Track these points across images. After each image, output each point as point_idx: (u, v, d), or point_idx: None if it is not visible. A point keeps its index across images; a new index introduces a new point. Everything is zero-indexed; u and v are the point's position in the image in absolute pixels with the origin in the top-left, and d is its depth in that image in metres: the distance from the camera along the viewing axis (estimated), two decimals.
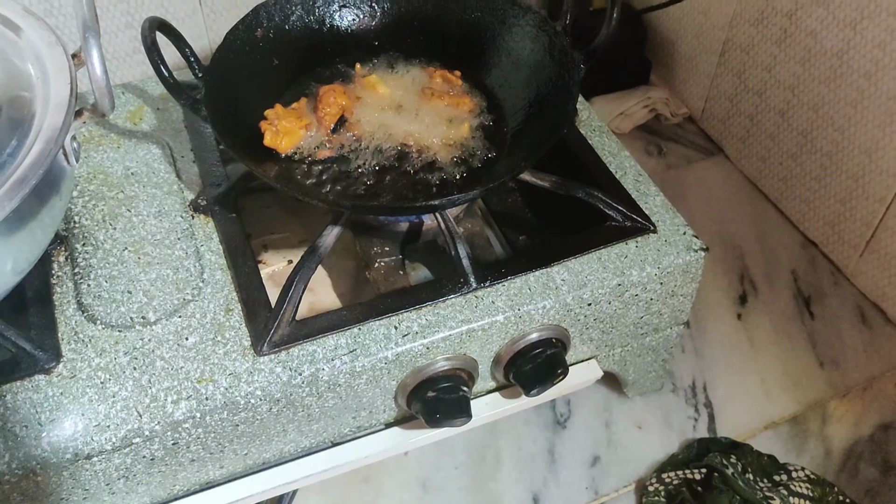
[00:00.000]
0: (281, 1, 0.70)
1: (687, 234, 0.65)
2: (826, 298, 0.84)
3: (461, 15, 0.72)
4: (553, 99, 0.65)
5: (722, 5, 0.92)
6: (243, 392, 0.55)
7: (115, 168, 0.68)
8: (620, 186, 0.67)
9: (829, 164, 0.85)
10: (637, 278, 0.62)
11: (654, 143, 1.02)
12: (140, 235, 0.63)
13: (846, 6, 0.77)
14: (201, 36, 0.93)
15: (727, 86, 0.96)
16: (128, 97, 0.74)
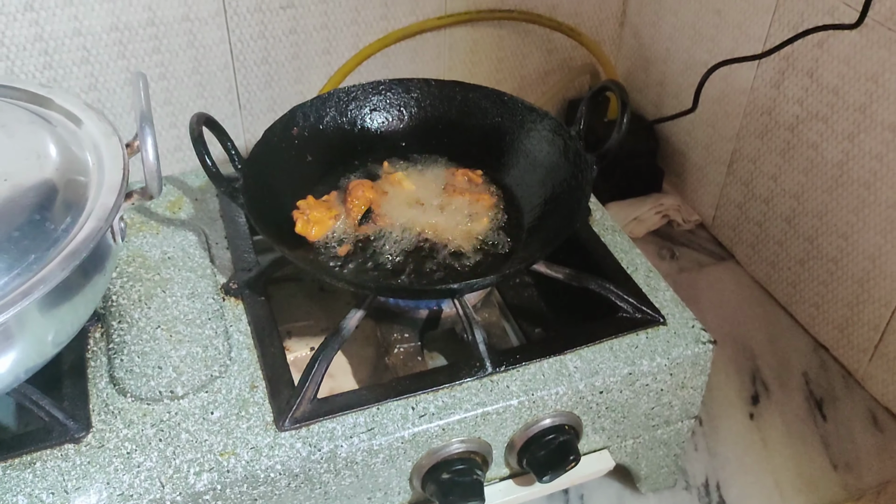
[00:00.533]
0: (316, 103, 0.76)
1: (696, 327, 0.67)
2: (838, 402, 0.85)
3: (483, 120, 0.78)
4: (567, 197, 0.69)
5: (729, 119, 0.98)
6: (264, 466, 0.56)
7: (153, 252, 0.72)
8: (631, 280, 0.70)
9: (835, 270, 0.87)
10: (647, 368, 0.64)
11: (666, 247, 1.05)
12: (173, 315, 0.66)
13: (843, 120, 0.81)
14: (238, 136, 1.00)
15: (736, 194, 1.00)
16: (168, 188, 0.79)
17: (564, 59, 1.13)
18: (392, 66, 1.03)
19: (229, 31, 0.92)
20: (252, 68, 0.96)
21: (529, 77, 1.12)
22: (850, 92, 0.80)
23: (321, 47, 0.97)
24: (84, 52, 0.86)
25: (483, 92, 0.78)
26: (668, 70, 1.06)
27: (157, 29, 0.88)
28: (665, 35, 1.05)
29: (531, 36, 1.08)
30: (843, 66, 0.80)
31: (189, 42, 0.90)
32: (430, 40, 1.03)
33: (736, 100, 0.96)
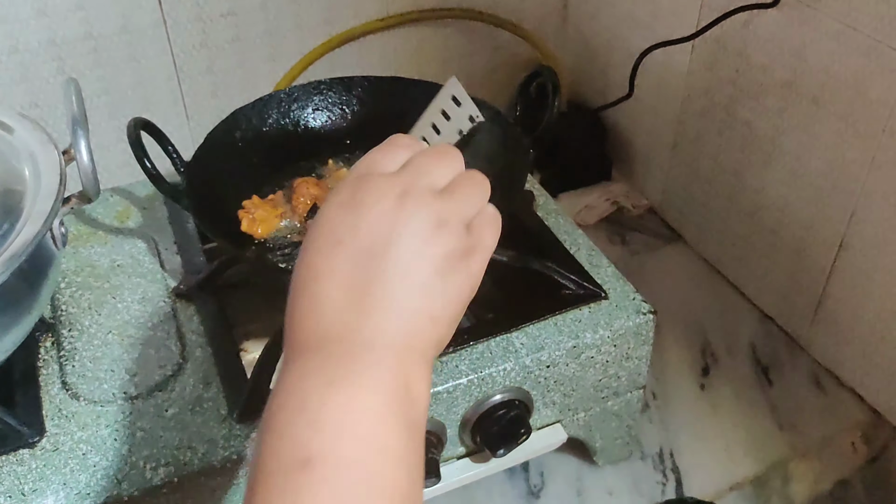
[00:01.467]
0: (258, 105, 0.77)
1: (636, 299, 0.70)
2: (783, 367, 0.88)
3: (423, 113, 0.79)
4: (506, 181, 0.71)
5: (669, 103, 1.01)
6: (220, 457, 0.58)
7: (102, 261, 0.73)
8: (573, 258, 0.72)
9: (774, 241, 0.90)
10: (591, 340, 0.66)
11: (617, 233, 1.08)
12: (124, 320, 0.67)
13: (772, 96, 0.84)
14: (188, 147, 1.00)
15: (681, 176, 1.03)
16: (116, 199, 0.80)
17: (510, 56, 1.15)
18: (338, 69, 1.04)
19: (170, 41, 0.93)
20: (197, 78, 0.97)
21: (476, 74, 1.14)
22: (776, 69, 0.83)
23: (266, 54, 0.99)
24: (22, 68, 0.86)
25: (423, 86, 0.79)
26: (609, 60, 1.09)
27: (96, 42, 0.89)
28: (604, 26, 1.08)
29: (476, 34, 1.11)
30: (769, 45, 0.83)
31: (129, 55, 0.91)
32: (374, 42, 1.05)
33: (674, 84, 0.99)
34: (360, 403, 0.35)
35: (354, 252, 0.37)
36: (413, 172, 0.39)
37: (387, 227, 0.37)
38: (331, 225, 0.38)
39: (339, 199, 0.39)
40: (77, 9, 0.86)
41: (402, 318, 0.37)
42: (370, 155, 0.41)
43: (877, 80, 0.72)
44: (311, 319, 0.37)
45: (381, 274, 0.37)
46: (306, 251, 0.39)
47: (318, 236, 0.38)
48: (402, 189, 0.38)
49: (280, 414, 0.35)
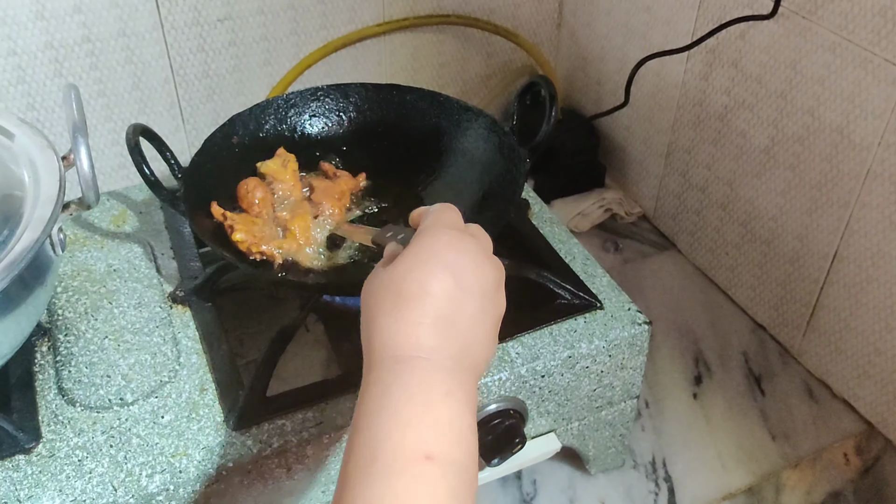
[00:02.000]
0: (255, 111, 0.77)
1: (631, 310, 0.70)
2: (776, 377, 0.89)
3: (421, 121, 0.80)
4: (502, 190, 0.71)
5: (663, 112, 1.01)
6: (216, 464, 0.58)
7: (98, 265, 0.73)
8: (569, 268, 0.73)
9: (767, 251, 0.91)
10: (586, 350, 0.67)
11: (610, 240, 1.08)
12: (120, 325, 0.67)
13: (767, 107, 0.85)
14: (183, 151, 1.01)
15: (674, 185, 1.04)
16: (112, 203, 0.80)
17: (505, 63, 1.15)
18: (334, 74, 1.04)
19: (168, 45, 0.92)
20: (193, 82, 0.97)
21: (471, 81, 1.15)
22: (771, 80, 0.84)
23: (261, 58, 0.99)
24: (20, 71, 0.86)
25: (419, 94, 0.80)
26: (604, 68, 1.10)
27: (94, 45, 0.89)
28: (600, 34, 1.09)
29: (471, 40, 1.11)
30: (764, 56, 0.84)
31: (127, 58, 0.91)
32: (370, 48, 1.05)
33: (669, 93, 0.99)
34: (468, 417, 0.44)
35: (462, 286, 0.46)
36: (483, 239, 0.51)
37: (479, 275, 0.47)
38: (441, 258, 0.46)
39: (447, 240, 0.47)
40: (75, 12, 0.85)
41: (481, 347, 0.47)
42: (447, 214, 0.51)
43: (872, 92, 0.73)
44: (421, 329, 0.44)
45: (471, 311, 0.46)
46: (415, 271, 0.46)
47: (427, 262, 0.46)
48: (483, 248, 0.49)
49: (403, 410, 0.42)
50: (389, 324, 0.45)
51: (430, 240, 0.47)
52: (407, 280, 0.46)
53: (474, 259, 0.47)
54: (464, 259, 0.46)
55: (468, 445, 0.43)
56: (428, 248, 0.47)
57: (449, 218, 0.50)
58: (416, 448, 0.41)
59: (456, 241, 0.47)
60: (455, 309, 0.45)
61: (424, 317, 0.45)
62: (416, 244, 0.47)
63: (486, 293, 0.47)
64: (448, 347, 0.45)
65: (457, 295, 0.45)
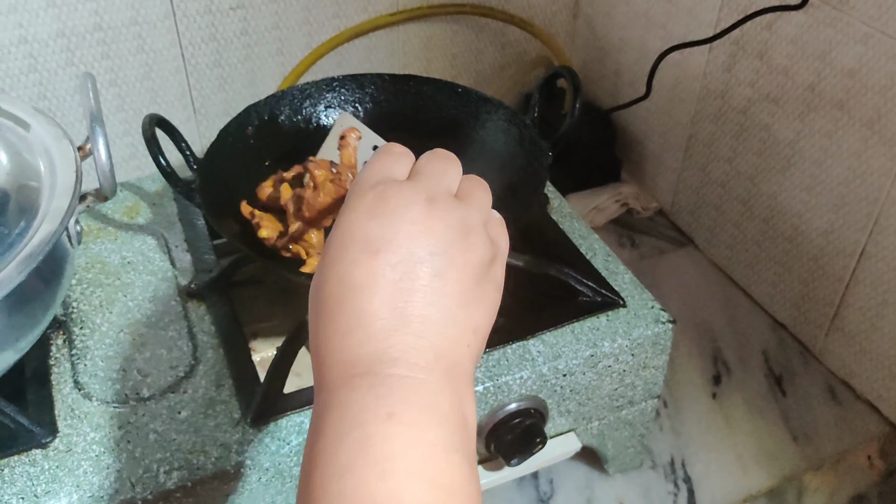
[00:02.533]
0: (270, 101, 0.76)
1: (654, 307, 0.69)
2: (797, 377, 0.87)
3: (438, 113, 0.78)
4: (524, 185, 0.70)
5: (683, 105, 1.00)
6: (233, 462, 0.56)
7: (112, 258, 0.71)
8: (590, 265, 0.71)
9: (790, 248, 0.89)
10: (609, 349, 0.65)
11: (626, 235, 1.07)
12: (135, 318, 0.66)
13: (793, 100, 0.83)
14: (194, 141, 0.99)
15: (693, 179, 1.02)
16: (125, 194, 0.79)
17: (519, 53, 1.14)
18: (346, 64, 1.03)
19: (179, 34, 0.91)
20: (205, 71, 0.95)
21: (485, 72, 1.13)
22: (798, 72, 0.82)
23: (274, 48, 0.97)
24: (31, 59, 0.85)
25: (437, 85, 0.78)
26: (622, 59, 1.08)
27: (105, 34, 0.87)
28: (618, 24, 1.07)
29: (485, 30, 1.09)
30: (792, 47, 0.82)
31: (139, 46, 0.90)
32: (383, 37, 1.03)
33: (689, 86, 0.98)
34: (426, 439, 0.32)
35: (394, 262, 0.34)
36: (431, 178, 0.38)
37: (423, 234, 0.35)
38: (362, 234, 0.35)
39: (365, 207, 0.36)
40: (88, 0, 0.84)
41: (450, 332, 0.34)
42: (375, 164, 0.39)
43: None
44: (355, 337, 0.34)
45: (423, 286, 0.34)
46: (335, 262, 0.35)
47: (346, 247, 0.35)
48: (426, 195, 0.37)
49: (337, 451, 0.31)
50: (321, 339, 0.35)
51: (346, 215, 0.37)
52: (328, 284, 0.35)
53: (407, 214, 0.35)
54: (391, 224, 0.35)
55: (440, 480, 0.31)
56: (344, 225, 0.36)
57: (378, 169, 0.38)
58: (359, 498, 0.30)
59: (379, 200, 0.36)
60: (395, 294, 0.34)
61: (354, 320, 0.34)
62: (333, 227, 0.37)
63: (438, 251, 0.35)
64: (390, 349, 0.33)
65: (392, 276, 0.34)
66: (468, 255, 0.36)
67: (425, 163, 0.40)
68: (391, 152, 0.40)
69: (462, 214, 0.37)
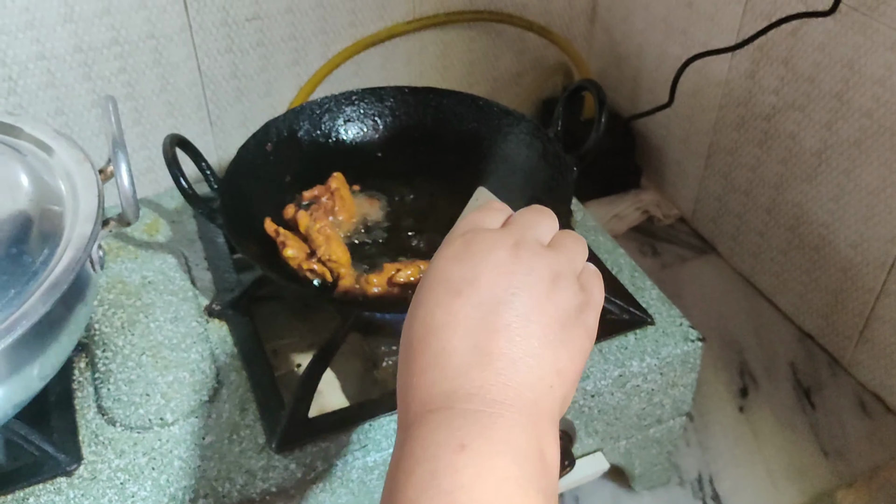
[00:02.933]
0: (289, 116, 0.75)
1: (683, 325, 0.67)
2: (825, 389, 0.86)
3: (459, 126, 0.77)
4: (548, 201, 0.68)
5: (705, 112, 0.98)
6: (259, 489, 0.56)
7: (132, 277, 0.71)
8: (617, 281, 0.70)
9: (817, 258, 0.88)
10: (637, 369, 0.64)
11: (647, 243, 1.05)
12: (157, 340, 0.65)
13: (820, 108, 0.82)
14: (211, 153, 0.99)
15: (715, 187, 1.01)
16: (144, 211, 0.78)
17: (537, 59, 1.12)
18: (362, 73, 1.02)
19: (196, 46, 0.90)
20: (221, 83, 0.94)
21: (502, 78, 1.12)
22: (825, 79, 0.81)
23: (290, 58, 0.96)
24: (49, 75, 0.84)
25: (458, 97, 0.77)
26: (641, 65, 1.07)
27: (122, 48, 0.86)
28: (637, 30, 1.05)
29: (502, 37, 1.08)
30: (818, 54, 0.80)
31: (155, 60, 0.89)
32: (400, 45, 1.02)
33: (711, 92, 0.96)
34: (497, 472, 0.32)
35: (476, 302, 0.35)
36: (520, 227, 0.39)
37: (506, 277, 0.36)
38: (446, 276, 0.37)
39: (452, 252, 0.38)
40: (104, 14, 0.83)
41: (531, 371, 0.35)
42: (470, 217, 0.41)
43: None
44: (433, 375, 0.35)
45: (505, 326, 0.35)
46: (420, 306, 0.37)
47: (432, 289, 0.37)
48: (513, 241, 0.38)
49: (408, 484, 0.32)
50: (404, 379, 0.37)
51: (435, 261, 0.38)
52: (414, 324, 0.37)
53: (491, 257, 0.36)
54: (474, 267, 0.36)
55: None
56: (431, 271, 0.38)
57: (471, 220, 0.40)
58: None
59: (466, 245, 0.38)
60: (475, 332, 0.35)
61: (433, 358, 0.35)
62: (426, 270, 0.39)
63: (521, 293, 0.36)
64: (467, 384, 0.34)
65: (473, 316, 0.35)
66: (554, 299, 0.36)
67: (518, 215, 0.41)
68: (489, 208, 0.42)
69: (550, 261, 0.38)
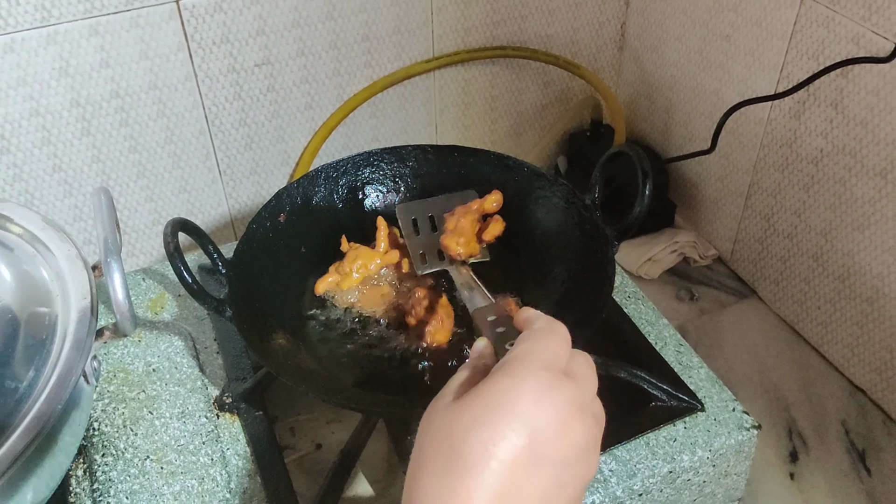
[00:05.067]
0: (303, 183, 0.69)
1: (736, 410, 0.62)
2: (882, 451, 0.80)
3: (486, 188, 0.71)
4: (588, 278, 0.63)
5: (745, 150, 0.92)
6: None
7: (135, 364, 0.65)
8: (663, 361, 0.64)
9: (870, 311, 0.82)
10: (689, 463, 0.59)
11: (684, 287, 0.99)
12: (163, 441, 0.60)
13: (874, 155, 0.75)
14: (221, 203, 0.94)
15: (755, 228, 0.94)
16: (149, 283, 0.73)
17: (563, 91, 1.06)
18: (380, 114, 0.96)
19: (202, 95, 0.85)
20: (230, 131, 0.89)
21: (526, 112, 1.06)
22: (880, 125, 0.74)
23: (302, 103, 0.91)
24: (45, 132, 0.79)
25: (484, 156, 0.71)
26: (675, 98, 1.00)
27: (123, 101, 0.81)
28: (669, 61, 0.99)
29: (526, 70, 1.02)
30: (873, 98, 0.74)
31: (159, 111, 0.84)
32: (418, 84, 0.96)
33: (752, 130, 0.90)
34: None
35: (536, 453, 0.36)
36: (585, 385, 0.40)
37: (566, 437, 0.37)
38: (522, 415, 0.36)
39: (534, 390, 0.37)
40: (102, 67, 0.78)
41: None
42: (547, 343, 0.40)
43: None
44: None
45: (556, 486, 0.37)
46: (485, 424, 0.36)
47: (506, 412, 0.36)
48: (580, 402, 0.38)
49: None
50: (436, 490, 0.36)
51: (513, 381, 0.37)
52: (469, 436, 0.36)
53: (562, 416, 0.37)
54: (548, 418, 0.37)
55: None
56: (508, 394, 0.37)
57: (549, 349, 0.40)
58: None
59: (545, 390, 0.37)
60: (522, 483, 0.36)
61: (480, 490, 0.35)
62: (496, 382, 0.38)
63: (567, 461, 0.37)
64: None
65: (527, 465, 0.36)
66: (585, 476, 0.39)
67: (581, 364, 0.41)
68: (560, 334, 0.41)
69: (595, 434, 0.39)
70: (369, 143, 0.98)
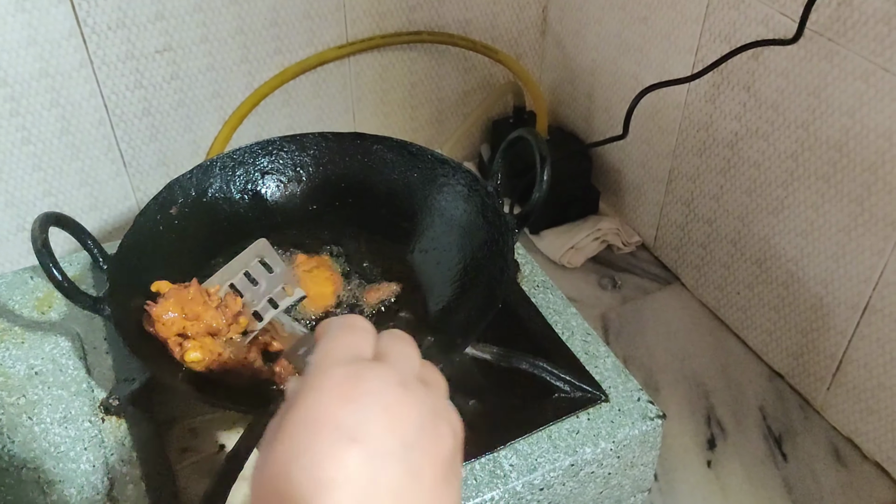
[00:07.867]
0: (197, 174, 0.66)
1: (641, 400, 0.60)
2: (798, 436, 0.80)
3: (390, 175, 0.69)
4: (488, 265, 0.61)
5: (664, 135, 0.91)
6: None
7: (17, 368, 0.62)
8: (568, 351, 0.63)
9: (786, 295, 0.81)
10: (591, 456, 0.57)
11: (607, 275, 0.98)
12: (42, 449, 0.57)
13: (785, 138, 0.75)
14: (128, 196, 0.90)
15: (677, 214, 0.94)
16: (36, 282, 0.69)
17: (484, 77, 1.04)
18: (293, 103, 0.93)
19: (99, 83, 0.81)
20: (132, 121, 0.85)
21: (448, 99, 1.04)
22: (790, 108, 0.73)
23: (209, 91, 0.87)
24: None
25: (388, 143, 0.69)
26: (596, 82, 0.99)
27: (13, 89, 0.77)
28: (590, 45, 0.98)
29: (445, 55, 1.00)
30: (782, 80, 0.73)
31: (52, 100, 0.80)
32: (333, 71, 0.94)
33: (670, 115, 0.89)
34: None
35: (369, 454, 0.32)
36: (399, 360, 0.36)
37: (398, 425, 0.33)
38: (334, 421, 0.32)
39: (337, 391, 0.33)
40: None
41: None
42: (341, 339, 0.36)
43: None
44: None
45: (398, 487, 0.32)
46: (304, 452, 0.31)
47: (317, 432, 0.32)
48: (399, 379, 0.35)
49: None
50: None
51: (313, 393, 0.33)
52: (293, 476, 0.31)
53: (381, 402, 0.33)
54: (366, 410, 0.33)
55: None
56: (313, 410, 0.33)
57: (342, 343, 0.36)
58: None
59: (352, 384, 0.33)
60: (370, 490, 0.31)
61: None
62: (297, 400, 0.33)
63: (409, 443, 0.33)
64: None
65: (367, 469, 0.32)
66: (439, 448, 0.34)
67: (390, 344, 0.37)
68: (356, 327, 0.37)
69: (432, 402, 0.35)
70: (283, 132, 0.94)
